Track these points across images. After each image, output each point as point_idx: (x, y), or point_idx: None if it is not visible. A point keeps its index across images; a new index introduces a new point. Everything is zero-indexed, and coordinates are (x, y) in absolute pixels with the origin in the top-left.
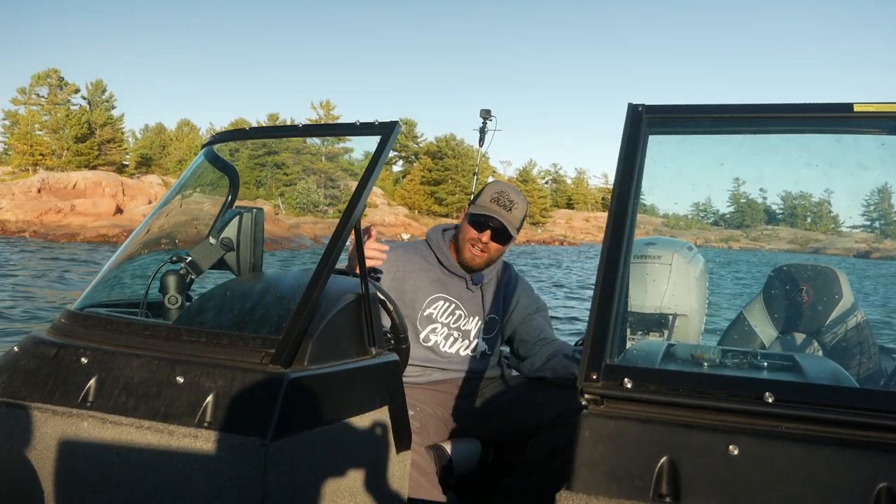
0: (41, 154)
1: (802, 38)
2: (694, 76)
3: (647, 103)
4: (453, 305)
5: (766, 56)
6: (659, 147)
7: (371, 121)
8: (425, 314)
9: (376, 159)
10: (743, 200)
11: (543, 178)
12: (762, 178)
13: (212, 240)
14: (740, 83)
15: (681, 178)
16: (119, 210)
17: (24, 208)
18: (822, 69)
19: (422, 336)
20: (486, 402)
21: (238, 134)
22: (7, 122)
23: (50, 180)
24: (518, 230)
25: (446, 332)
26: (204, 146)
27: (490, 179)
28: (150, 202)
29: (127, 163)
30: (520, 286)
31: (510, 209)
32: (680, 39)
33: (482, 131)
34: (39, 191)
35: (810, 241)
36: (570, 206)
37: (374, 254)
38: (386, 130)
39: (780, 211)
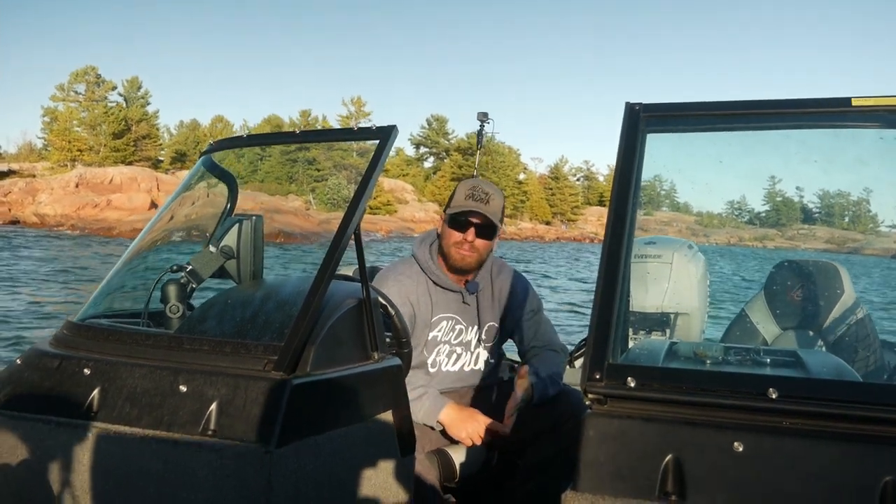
0: (79, 150)
1: (800, 33)
2: (705, 76)
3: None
4: (453, 321)
5: (764, 52)
6: (659, 144)
7: (369, 125)
8: (430, 337)
9: (374, 163)
10: (779, 199)
11: (575, 175)
12: (761, 174)
13: (212, 248)
14: (739, 80)
15: (681, 175)
16: (154, 205)
17: (63, 202)
18: (820, 64)
19: (429, 361)
20: (490, 406)
21: (235, 142)
22: (46, 119)
23: (87, 175)
24: (500, 221)
25: (448, 349)
26: (202, 154)
27: (521, 176)
28: None
29: (162, 158)
30: (515, 288)
31: (487, 202)
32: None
33: (480, 134)
34: (77, 186)
35: (847, 241)
36: (601, 203)
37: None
38: (384, 135)
39: (817, 210)
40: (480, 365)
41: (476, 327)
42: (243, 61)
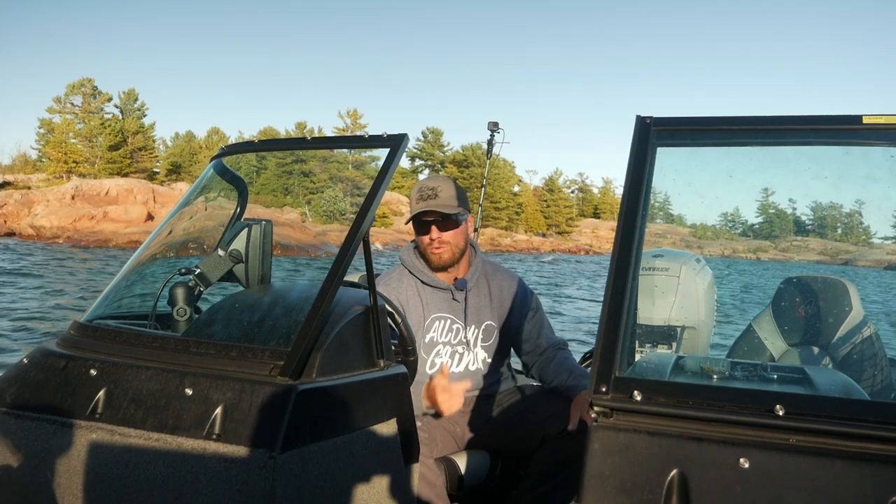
0: (75, 162)
1: (813, 52)
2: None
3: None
4: (449, 320)
5: (775, 70)
6: (670, 159)
7: (380, 133)
8: (427, 340)
9: (385, 171)
10: (772, 211)
11: (569, 187)
12: (772, 189)
13: (220, 252)
14: (752, 97)
15: (691, 189)
16: (150, 217)
17: (59, 214)
18: (832, 82)
19: (428, 363)
20: (496, 414)
21: (246, 147)
22: (42, 131)
23: (83, 187)
24: (460, 206)
25: (450, 350)
26: (213, 158)
27: (516, 188)
28: None
29: (158, 170)
30: (513, 289)
31: (435, 196)
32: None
33: (490, 143)
34: (73, 197)
35: (840, 253)
36: (596, 215)
37: (448, 400)
38: (394, 143)
39: (810, 222)
40: (481, 365)
41: (474, 326)
42: (239, 73)
